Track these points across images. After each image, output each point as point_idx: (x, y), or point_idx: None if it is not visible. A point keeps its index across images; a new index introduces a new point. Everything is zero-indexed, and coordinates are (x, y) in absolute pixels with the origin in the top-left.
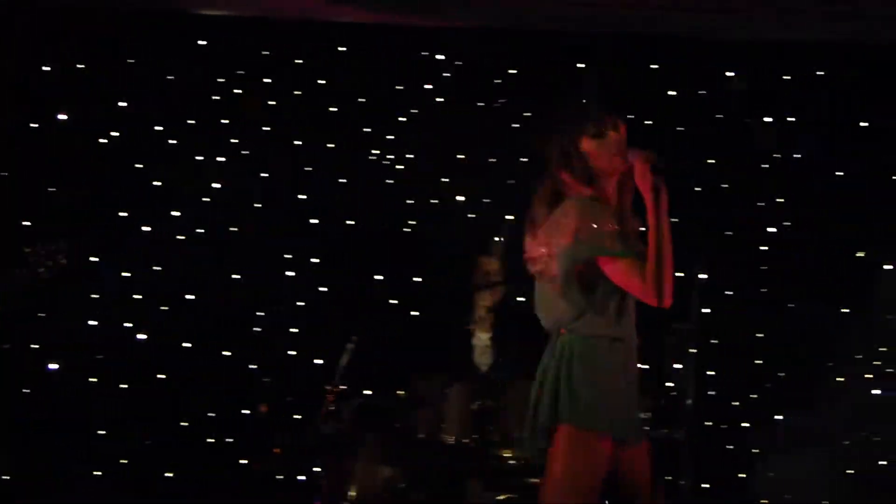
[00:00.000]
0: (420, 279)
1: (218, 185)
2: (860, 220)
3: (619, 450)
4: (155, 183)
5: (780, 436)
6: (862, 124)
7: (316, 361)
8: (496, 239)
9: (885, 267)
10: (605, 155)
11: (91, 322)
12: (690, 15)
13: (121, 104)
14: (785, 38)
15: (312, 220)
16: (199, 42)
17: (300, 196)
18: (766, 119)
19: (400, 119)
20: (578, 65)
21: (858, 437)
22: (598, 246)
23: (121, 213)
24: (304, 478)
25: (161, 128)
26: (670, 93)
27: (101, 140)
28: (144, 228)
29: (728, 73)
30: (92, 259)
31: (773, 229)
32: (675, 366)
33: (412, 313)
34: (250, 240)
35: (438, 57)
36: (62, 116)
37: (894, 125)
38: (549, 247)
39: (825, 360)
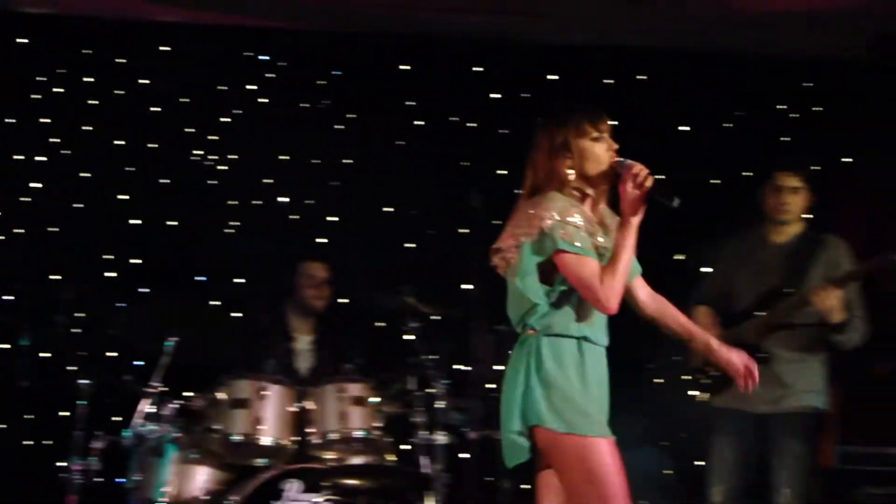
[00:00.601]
0: (242, 280)
1: (38, 185)
2: (678, 223)
3: None
4: None
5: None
6: (681, 128)
7: (135, 363)
8: None
9: (703, 269)
10: (598, 158)
11: None
12: (511, 18)
13: None
14: (603, 42)
15: (134, 221)
16: (20, 40)
17: (121, 196)
18: None
19: (223, 120)
20: (402, 66)
21: (677, 438)
22: (561, 240)
23: None
24: (122, 480)
25: None
26: (493, 95)
27: None
28: None
29: (550, 77)
30: None
31: None
32: (496, 367)
33: (232, 314)
34: (71, 239)
35: (262, 58)
36: None
37: (713, 128)
38: (515, 238)
39: (645, 362)
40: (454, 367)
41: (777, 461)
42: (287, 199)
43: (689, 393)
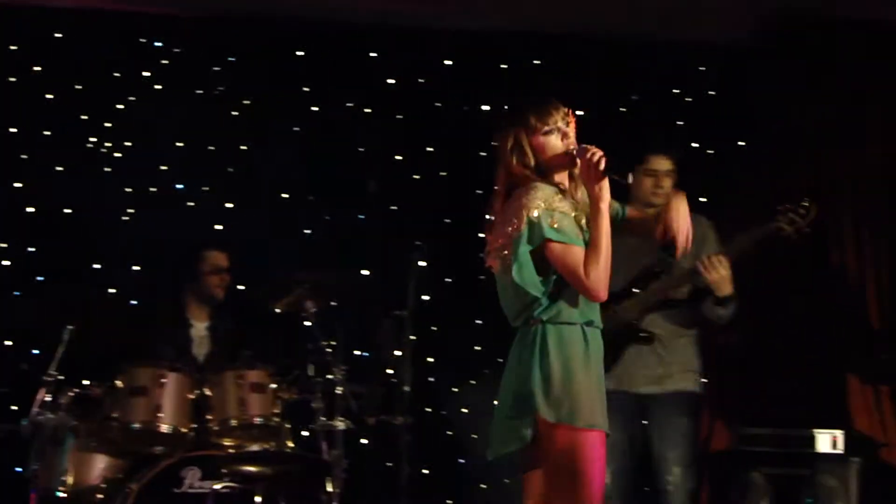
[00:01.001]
0: (138, 268)
1: None
2: None
3: None
4: None
5: None
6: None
7: (32, 351)
8: None
9: None
10: (555, 150)
11: None
12: (406, 4)
13: None
14: (499, 27)
15: (29, 209)
16: None
17: (16, 184)
18: (484, 107)
19: (118, 106)
20: (297, 52)
21: None
22: (548, 229)
23: None
24: (20, 469)
25: None
26: (389, 81)
27: None
28: None
29: (446, 62)
30: None
31: (491, 217)
32: (395, 353)
33: (130, 302)
34: None
35: (156, 44)
36: None
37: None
38: (504, 236)
39: None
40: (353, 352)
41: (663, 443)
42: (183, 186)
43: None
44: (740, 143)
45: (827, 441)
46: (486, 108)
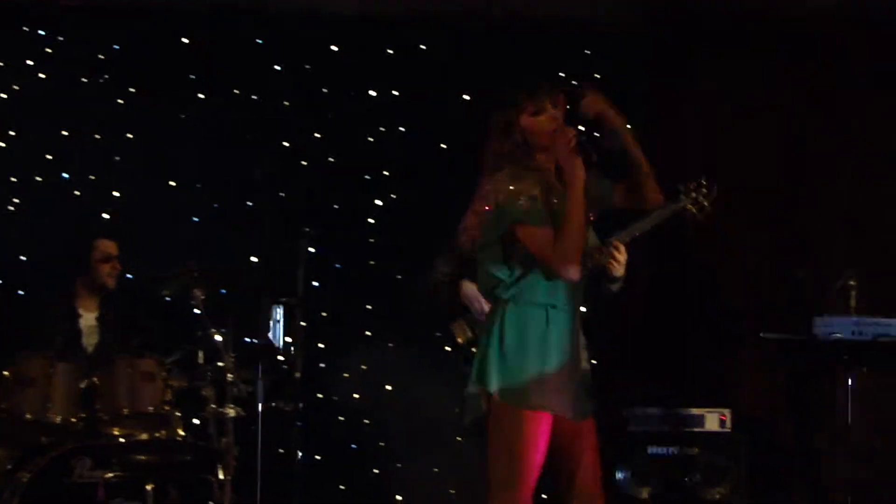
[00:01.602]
0: (25, 258)
1: None
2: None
3: (560, 425)
4: None
5: (391, 404)
6: (464, 97)
7: None
8: None
9: None
10: (542, 131)
11: None
12: None
13: None
14: (387, 11)
15: None
16: None
17: None
18: (371, 93)
19: (1, 96)
20: (183, 39)
21: None
22: (516, 211)
23: None
24: None
25: None
26: (276, 67)
27: None
28: None
29: (333, 48)
30: None
31: (380, 202)
32: (286, 339)
33: (18, 292)
34: None
35: (40, 32)
36: None
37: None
38: (475, 215)
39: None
40: (243, 339)
41: None
42: (69, 176)
43: None
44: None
45: (715, 420)
46: (372, 93)
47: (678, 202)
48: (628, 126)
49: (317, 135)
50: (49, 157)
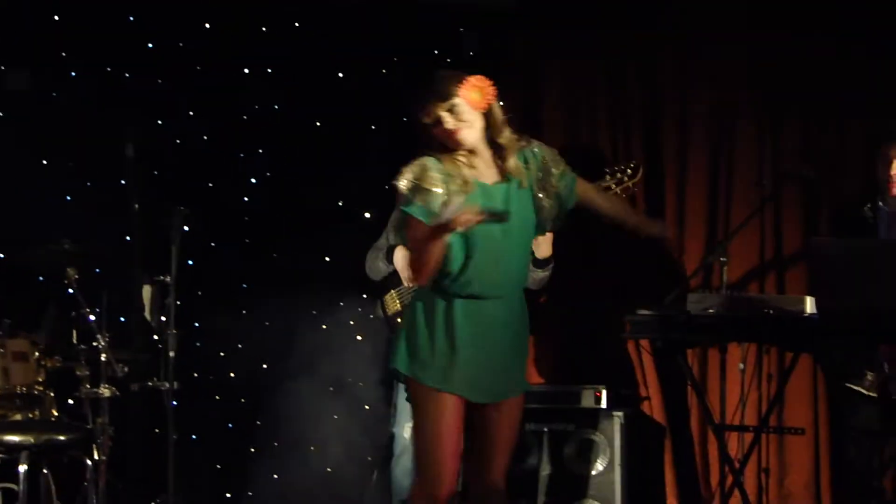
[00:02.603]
0: None
1: None
2: (340, 169)
3: (475, 407)
4: None
5: (267, 384)
6: (339, 75)
7: None
8: None
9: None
10: (450, 119)
11: None
12: None
13: None
14: None
15: None
16: None
17: None
18: (245, 70)
19: None
20: (54, 17)
21: None
22: (407, 200)
23: None
24: None
25: None
26: (148, 45)
27: None
28: None
29: (206, 25)
30: None
31: (254, 180)
32: (161, 318)
33: None
34: None
35: None
36: None
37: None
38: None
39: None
40: (117, 319)
41: None
42: None
43: None
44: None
45: (591, 396)
46: (246, 70)
47: (602, 182)
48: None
49: (190, 112)
50: None
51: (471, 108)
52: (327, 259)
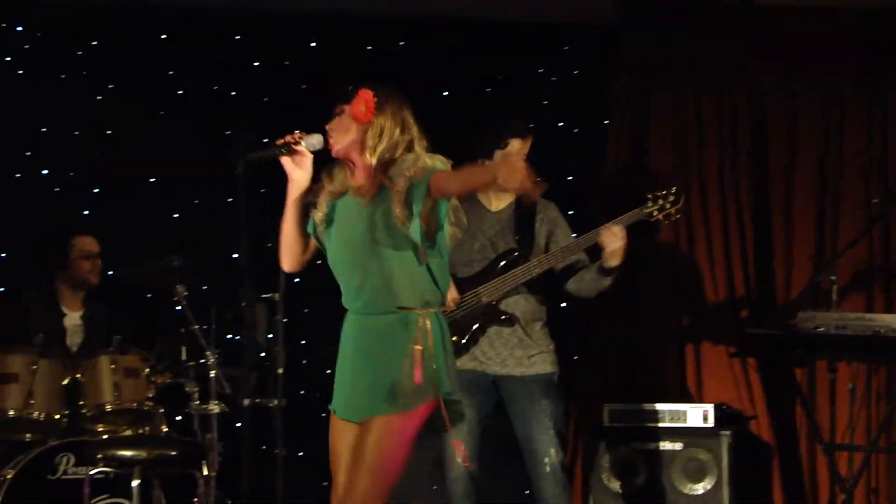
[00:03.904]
0: (4, 255)
1: None
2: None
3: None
4: None
5: None
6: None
7: None
8: None
9: None
10: (331, 125)
11: None
12: None
13: None
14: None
15: None
16: None
17: None
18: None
19: None
20: (162, 36)
21: None
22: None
23: None
24: None
25: None
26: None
27: None
28: None
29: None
30: None
31: None
32: (268, 335)
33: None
34: None
35: (18, 28)
36: None
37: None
38: None
39: None
40: (226, 336)
41: (529, 425)
42: (48, 172)
43: None
44: (605, 121)
45: (698, 415)
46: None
47: (644, 208)
48: None
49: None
50: (28, 153)
51: (351, 119)
52: None
